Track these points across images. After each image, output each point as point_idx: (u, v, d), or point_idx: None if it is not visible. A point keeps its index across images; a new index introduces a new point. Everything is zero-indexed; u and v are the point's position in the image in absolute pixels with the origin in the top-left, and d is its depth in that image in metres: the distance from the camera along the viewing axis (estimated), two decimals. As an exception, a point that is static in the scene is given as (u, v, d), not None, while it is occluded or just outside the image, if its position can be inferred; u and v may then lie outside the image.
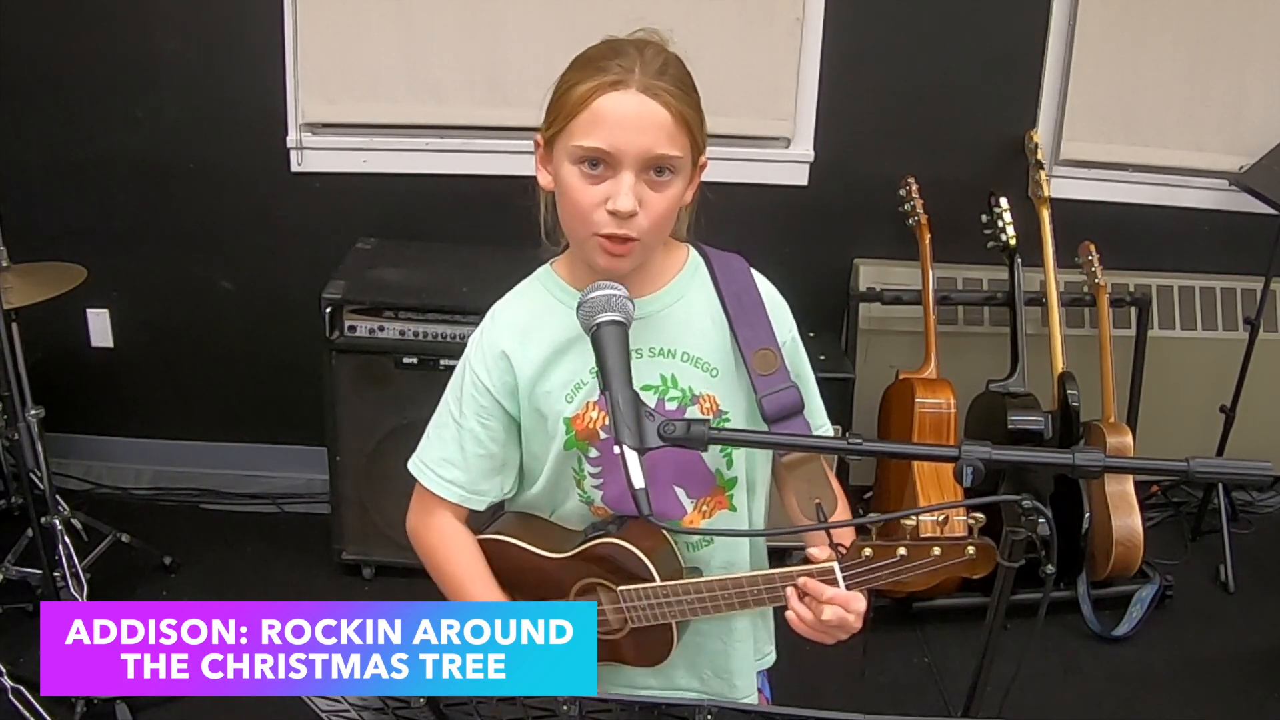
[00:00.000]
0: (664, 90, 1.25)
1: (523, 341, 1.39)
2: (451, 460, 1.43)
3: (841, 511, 1.42)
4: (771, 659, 1.62)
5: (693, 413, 1.39)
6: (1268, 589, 3.30)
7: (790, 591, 1.31)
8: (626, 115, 1.24)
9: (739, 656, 1.52)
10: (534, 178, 1.37)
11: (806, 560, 1.33)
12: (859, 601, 1.29)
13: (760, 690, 1.61)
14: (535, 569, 1.42)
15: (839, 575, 1.29)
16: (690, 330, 1.40)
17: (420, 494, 1.46)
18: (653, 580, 1.37)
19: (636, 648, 1.44)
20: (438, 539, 1.45)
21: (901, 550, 1.27)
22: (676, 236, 1.43)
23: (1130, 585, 3.15)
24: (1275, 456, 1.27)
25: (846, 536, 1.36)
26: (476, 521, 1.49)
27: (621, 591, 1.38)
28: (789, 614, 1.32)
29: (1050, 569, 1.20)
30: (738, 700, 1.52)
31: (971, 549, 1.26)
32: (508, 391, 1.40)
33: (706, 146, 1.34)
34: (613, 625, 1.43)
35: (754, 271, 1.46)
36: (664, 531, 1.41)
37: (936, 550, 1.27)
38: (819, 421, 1.49)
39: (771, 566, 1.40)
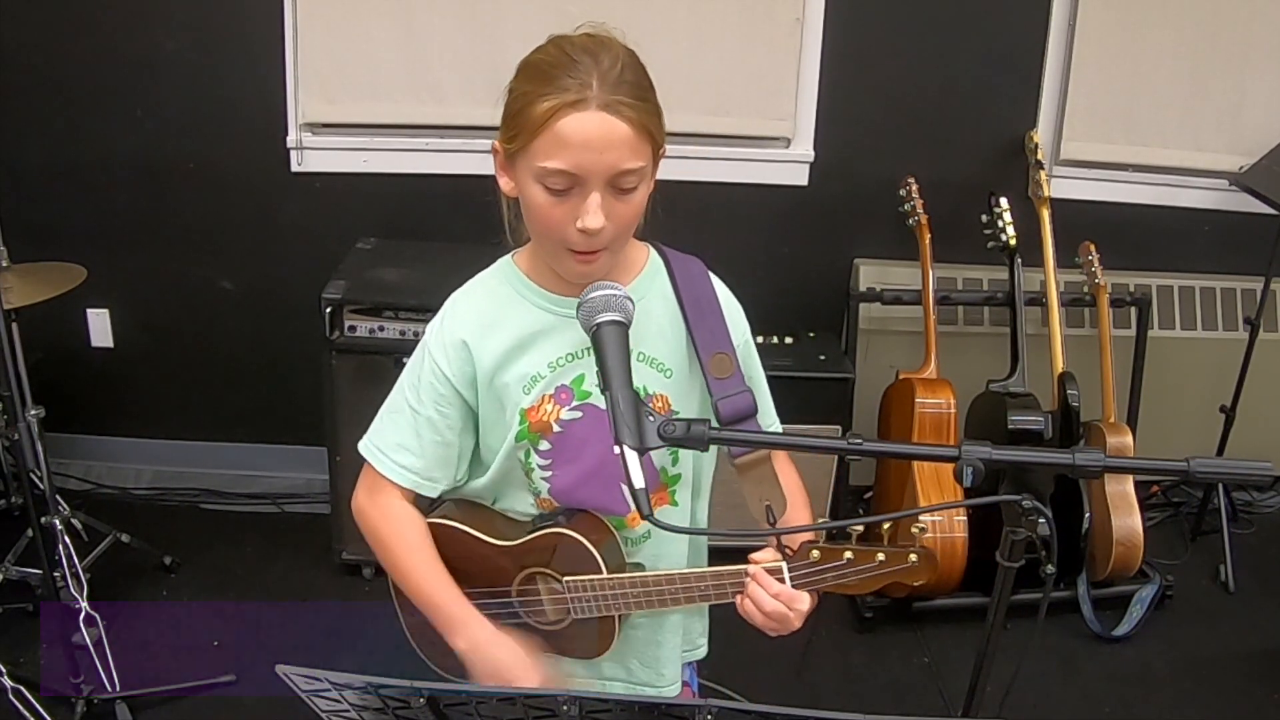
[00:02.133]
0: (624, 105, 1.24)
1: (483, 333, 1.40)
2: (407, 446, 1.43)
3: (801, 510, 1.44)
4: (703, 651, 1.63)
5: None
6: (1268, 589, 3.30)
7: (749, 583, 1.33)
8: (590, 136, 1.23)
9: (668, 647, 1.53)
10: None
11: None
12: (803, 601, 1.32)
13: (686, 682, 1.62)
14: (480, 555, 1.43)
15: (786, 575, 1.31)
16: (648, 331, 1.41)
17: (369, 475, 1.47)
18: (600, 572, 1.38)
19: (576, 639, 1.45)
20: (382, 517, 1.46)
21: (848, 554, 1.30)
22: (635, 234, 1.44)
23: (1130, 585, 3.15)
24: (1275, 456, 1.27)
25: (804, 532, 1.38)
26: (418, 507, 1.49)
27: (567, 582, 1.39)
28: (739, 603, 1.34)
29: (1050, 569, 1.20)
30: (663, 690, 1.54)
31: (913, 556, 1.29)
32: (467, 381, 1.41)
33: (665, 139, 1.33)
34: (550, 617, 1.45)
35: (711, 275, 1.47)
36: (609, 526, 1.42)
37: (881, 556, 1.29)
38: (769, 422, 1.50)
39: (713, 565, 1.41)
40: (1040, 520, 1.18)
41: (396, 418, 1.45)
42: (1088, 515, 3.05)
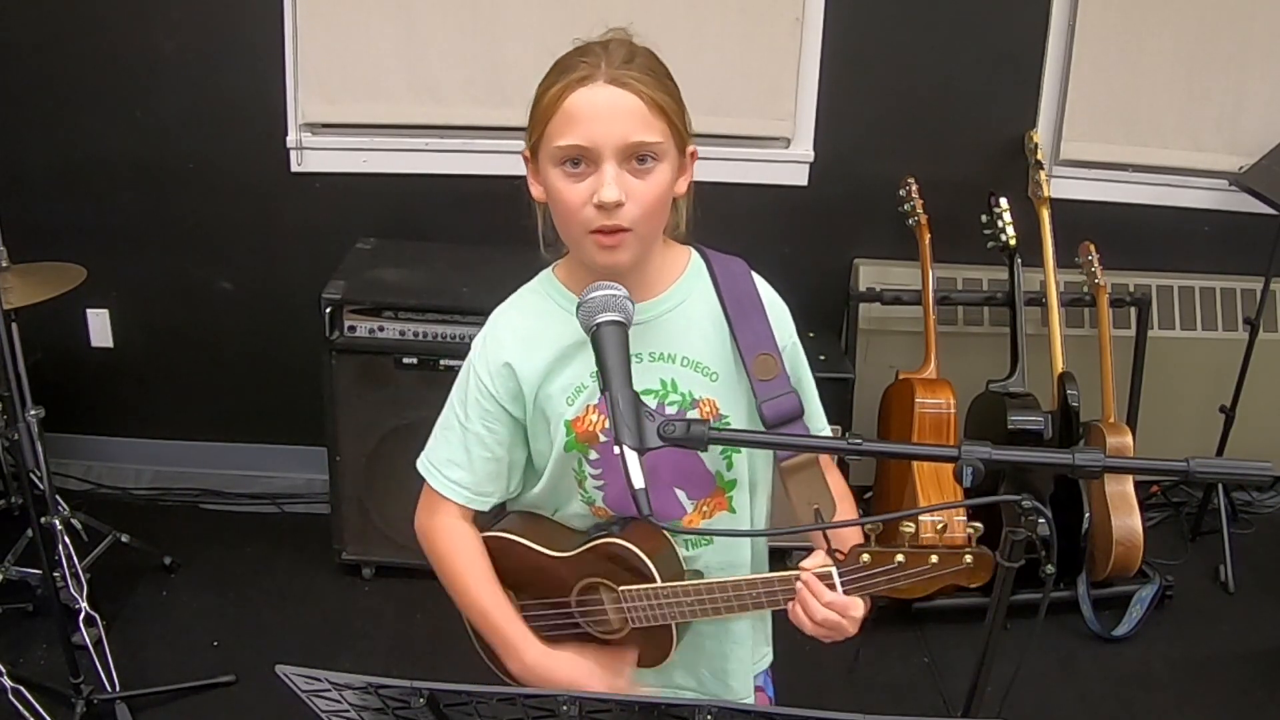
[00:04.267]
0: (632, 78, 1.25)
1: (526, 349, 1.40)
2: (457, 462, 1.44)
3: (846, 514, 1.42)
4: (769, 659, 1.63)
5: (693, 416, 1.39)
6: (1268, 589, 3.30)
7: (800, 588, 1.31)
8: (597, 107, 1.24)
9: (736, 659, 1.53)
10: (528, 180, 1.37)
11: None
12: (856, 608, 1.30)
13: (761, 689, 1.61)
14: (538, 567, 1.43)
15: (836, 580, 1.30)
16: (691, 335, 1.40)
17: (428, 493, 1.48)
18: (654, 581, 1.37)
19: (637, 648, 1.45)
20: (443, 538, 1.47)
21: (899, 557, 1.28)
22: (678, 238, 1.43)
23: (1130, 585, 3.15)
24: (1275, 456, 1.27)
25: (852, 537, 1.36)
26: (481, 519, 1.50)
27: (622, 591, 1.39)
28: (790, 611, 1.33)
29: (1050, 569, 1.20)
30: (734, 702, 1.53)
31: (969, 558, 1.27)
32: (512, 397, 1.41)
33: (692, 134, 1.34)
34: (614, 625, 1.44)
35: (755, 275, 1.46)
36: (665, 533, 1.41)
37: (934, 558, 1.27)
38: (818, 426, 1.49)
39: (773, 568, 1.40)
40: (1040, 520, 1.18)
41: (448, 434, 1.45)
42: (1087, 515, 3.04)
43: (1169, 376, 3.52)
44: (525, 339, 1.41)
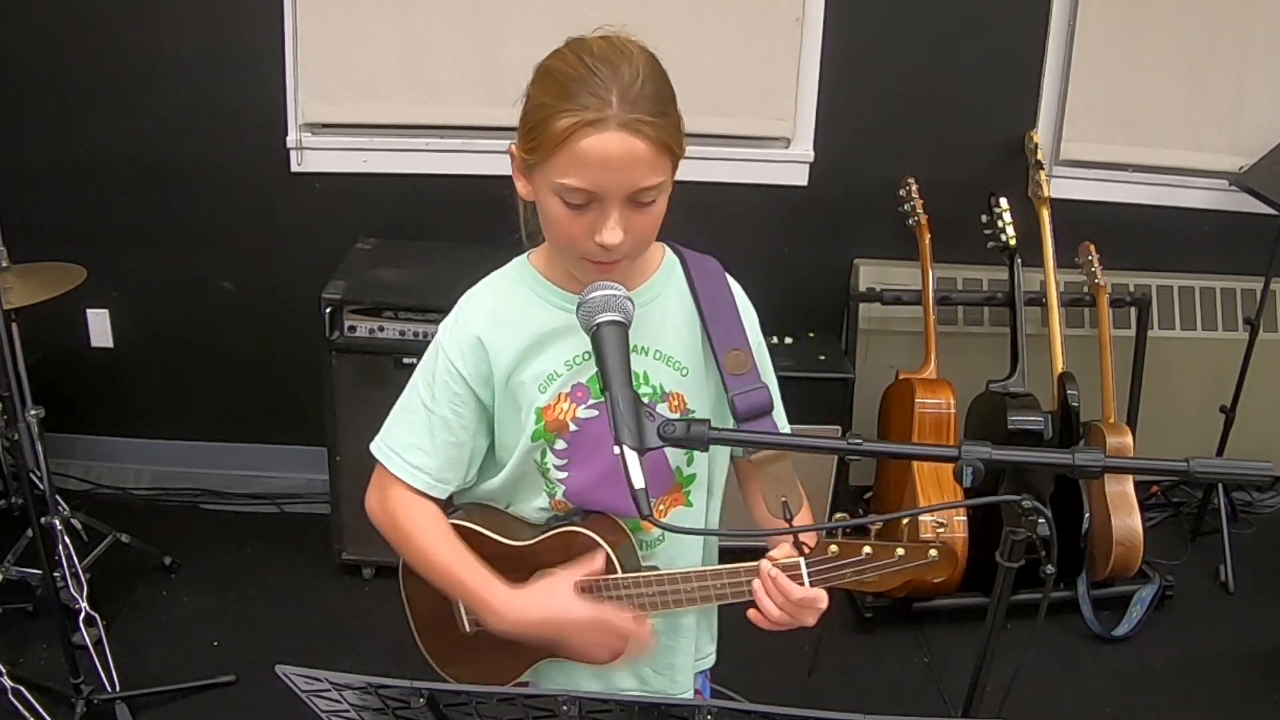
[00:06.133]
0: (643, 123, 1.21)
1: (499, 331, 1.39)
2: (420, 446, 1.42)
3: (804, 515, 1.42)
4: (712, 660, 1.62)
5: (662, 409, 1.40)
6: (1268, 589, 3.30)
7: (757, 585, 1.31)
8: (608, 156, 1.21)
9: (682, 653, 1.53)
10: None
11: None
12: (823, 600, 1.31)
13: (699, 690, 1.61)
14: (495, 556, 1.41)
15: (804, 572, 1.30)
16: (664, 329, 1.41)
17: (381, 476, 1.45)
18: (615, 572, 1.37)
19: None
20: (397, 507, 1.44)
21: (867, 549, 1.28)
22: None
23: (1130, 585, 3.15)
24: (1275, 456, 1.27)
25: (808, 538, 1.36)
26: None
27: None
28: (752, 610, 1.33)
29: (1050, 569, 1.20)
30: (676, 698, 1.52)
31: (934, 551, 1.28)
32: (482, 379, 1.40)
33: (685, 147, 1.31)
34: None
35: (727, 275, 1.47)
36: (625, 529, 1.41)
37: (900, 550, 1.28)
38: (782, 425, 1.49)
39: (723, 565, 1.40)
40: (1040, 520, 1.19)
41: (410, 417, 1.43)
42: (1088, 515, 3.05)
43: (1169, 376, 3.52)
44: (498, 320, 1.40)
